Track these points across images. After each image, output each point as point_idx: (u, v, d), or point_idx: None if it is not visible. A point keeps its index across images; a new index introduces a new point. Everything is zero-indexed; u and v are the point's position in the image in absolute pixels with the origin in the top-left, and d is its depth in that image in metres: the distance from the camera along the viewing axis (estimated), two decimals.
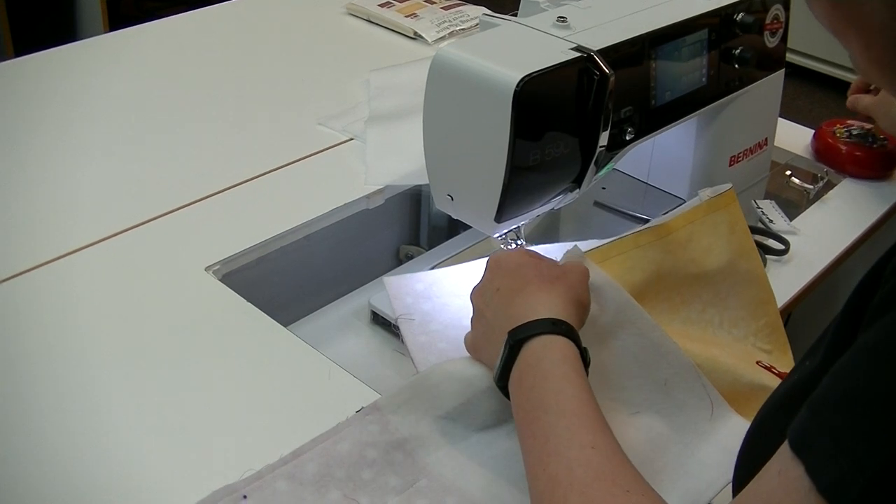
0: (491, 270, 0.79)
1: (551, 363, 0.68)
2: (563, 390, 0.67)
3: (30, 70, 1.36)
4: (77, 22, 3.01)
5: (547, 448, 0.64)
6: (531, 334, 0.70)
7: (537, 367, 0.69)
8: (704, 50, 1.01)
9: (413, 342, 0.86)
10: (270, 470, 0.71)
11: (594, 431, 0.64)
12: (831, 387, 0.51)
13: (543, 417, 0.66)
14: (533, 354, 0.70)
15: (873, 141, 1.25)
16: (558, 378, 0.67)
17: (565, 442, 0.64)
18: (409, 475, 0.73)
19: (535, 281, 0.75)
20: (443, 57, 0.86)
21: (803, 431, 0.51)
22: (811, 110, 3.27)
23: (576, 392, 0.67)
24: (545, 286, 0.74)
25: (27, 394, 0.81)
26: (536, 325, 0.71)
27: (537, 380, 0.68)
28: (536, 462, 0.65)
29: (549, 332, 0.70)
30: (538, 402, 0.67)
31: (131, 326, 0.89)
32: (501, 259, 0.79)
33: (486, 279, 0.79)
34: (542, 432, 0.65)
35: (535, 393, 0.68)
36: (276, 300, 0.97)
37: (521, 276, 0.76)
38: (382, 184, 1.12)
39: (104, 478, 0.74)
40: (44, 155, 1.15)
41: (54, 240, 0.99)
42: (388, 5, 1.60)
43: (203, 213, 1.06)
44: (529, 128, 0.83)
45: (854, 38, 0.53)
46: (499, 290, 0.76)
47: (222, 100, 1.31)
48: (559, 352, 0.69)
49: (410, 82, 1.32)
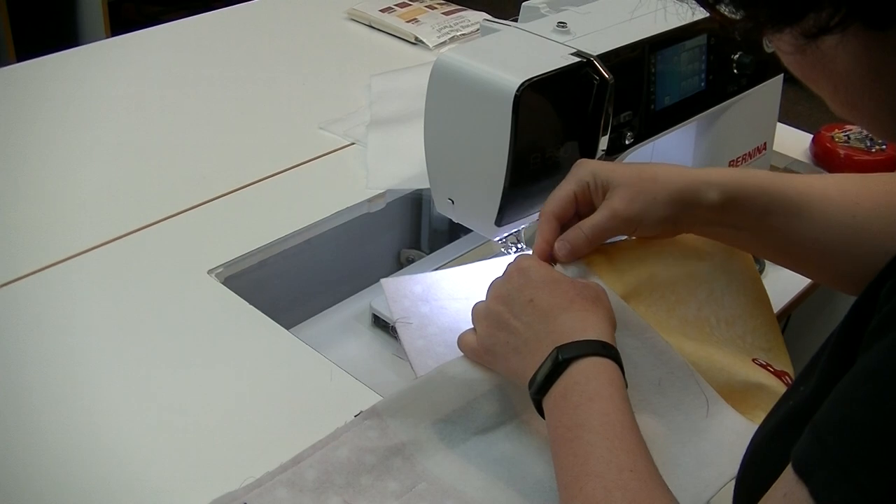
0: (518, 279, 0.76)
1: (600, 384, 0.68)
2: (609, 413, 0.66)
3: (31, 75, 1.37)
4: (78, 27, 3.01)
5: (586, 468, 0.64)
6: (582, 354, 0.69)
7: (585, 387, 0.68)
8: (703, 55, 1.01)
9: (411, 346, 0.86)
10: (270, 477, 0.71)
11: (635, 455, 0.64)
12: (833, 411, 0.51)
13: (585, 437, 0.65)
14: (582, 373, 0.69)
15: (871, 145, 1.25)
16: (605, 400, 0.67)
17: (605, 464, 0.63)
18: (407, 479, 0.73)
19: (578, 300, 0.73)
20: (444, 62, 0.87)
21: (807, 456, 0.51)
22: (811, 115, 3.27)
23: (620, 417, 0.66)
24: (590, 307, 0.73)
25: (30, 397, 0.81)
26: (588, 345, 0.70)
27: (583, 399, 0.67)
28: (573, 481, 0.64)
29: (599, 353, 0.69)
30: (582, 422, 0.66)
31: (134, 329, 0.89)
32: (529, 269, 0.77)
33: (515, 288, 0.76)
34: (582, 451, 0.65)
35: (581, 412, 0.67)
36: (279, 303, 0.98)
37: (563, 293, 0.74)
38: (383, 188, 1.12)
39: (107, 481, 0.74)
40: (46, 159, 1.16)
41: (57, 243, 0.99)
42: (389, 10, 1.60)
43: (205, 217, 1.06)
44: (529, 132, 0.83)
45: (824, 85, 0.55)
46: (533, 301, 0.74)
47: (224, 104, 1.32)
48: (607, 375, 0.69)
49: (411, 87, 1.32)
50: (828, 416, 0.51)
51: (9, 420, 0.79)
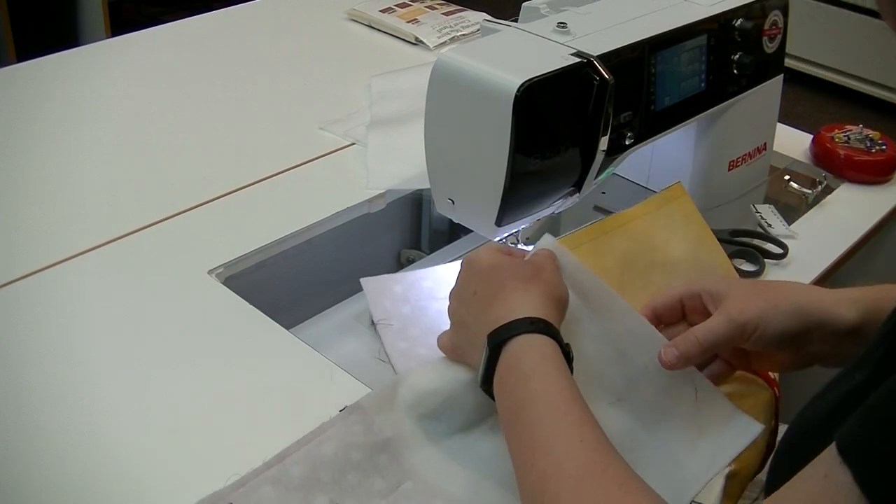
0: (466, 273, 0.79)
1: (532, 362, 0.68)
2: (546, 388, 0.67)
3: (32, 75, 1.37)
4: (79, 27, 3.01)
5: (533, 445, 0.64)
6: (510, 335, 0.70)
7: (518, 368, 0.69)
8: (703, 55, 1.02)
9: (393, 349, 0.85)
10: (255, 475, 0.71)
11: (581, 426, 0.64)
12: (885, 401, 0.52)
13: (528, 416, 0.66)
14: (513, 355, 0.69)
15: (871, 146, 1.25)
16: (540, 377, 0.67)
17: (552, 438, 0.64)
18: (394, 477, 0.73)
19: (510, 282, 0.74)
20: (444, 62, 0.87)
21: (854, 439, 0.52)
22: (811, 115, 3.28)
23: (559, 389, 0.66)
24: (520, 286, 0.73)
25: (29, 396, 0.81)
26: (514, 325, 0.70)
27: (519, 380, 0.68)
28: (524, 460, 0.65)
29: (527, 331, 0.70)
30: (522, 402, 0.67)
31: (134, 329, 0.89)
32: (474, 260, 0.78)
33: (462, 282, 0.78)
34: (527, 431, 0.65)
35: (519, 393, 0.68)
36: (279, 303, 0.98)
37: (497, 278, 0.75)
38: (384, 188, 1.13)
39: (106, 480, 0.74)
40: (46, 159, 1.16)
41: (58, 243, 1.00)
42: (389, 11, 1.61)
43: (206, 217, 1.06)
44: (530, 132, 0.83)
45: None
46: (475, 293, 0.76)
47: (224, 104, 1.32)
48: (539, 350, 0.69)
49: (411, 87, 1.32)
50: (877, 404, 0.52)
51: (8, 420, 0.79)
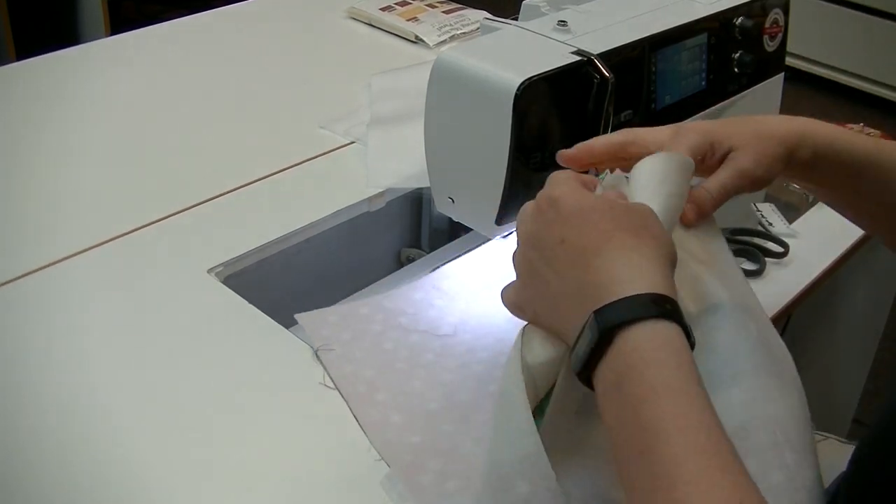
0: (542, 214, 0.63)
1: (659, 366, 0.54)
2: (688, 413, 0.53)
3: (31, 73, 1.36)
4: (78, 25, 3.01)
5: (657, 479, 0.51)
6: (628, 319, 0.55)
7: (644, 374, 0.54)
8: (704, 54, 1.01)
9: (339, 373, 0.83)
10: None
11: (727, 462, 0.51)
12: None
13: (660, 448, 0.51)
14: (635, 352, 0.54)
15: None
16: (672, 394, 0.53)
17: (697, 473, 0.50)
18: None
19: (616, 234, 0.59)
20: (444, 61, 0.87)
21: None
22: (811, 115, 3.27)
23: (688, 411, 0.53)
24: (630, 241, 0.58)
25: (29, 396, 0.81)
26: (632, 304, 0.55)
27: (645, 392, 0.53)
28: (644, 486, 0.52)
29: (651, 315, 0.55)
30: (649, 424, 0.52)
31: (133, 328, 0.89)
32: (559, 199, 0.62)
33: (540, 224, 0.63)
34: (662, 468, 0.51)
35: (647, 411, 0.53)
36: (278, 302, 0.98)
37: (595, 227, 0.59)
38: (384, 187, 1.12)
39: (106, 480, 0.74)
40: (45, 158, 1.15)
41: (56, 242, 0.99)
42: (389, 9, 1.60)
43: (205, 216, 1.06)
44: (530, 131, 0.83)
45: None
46: (563, 241, 0.60)
47: (224, 103, 1.32)
48: (668, 346, 0.54)
49: (412, 86, 1.32)
50: None
51: (8, 419, 0.79)
